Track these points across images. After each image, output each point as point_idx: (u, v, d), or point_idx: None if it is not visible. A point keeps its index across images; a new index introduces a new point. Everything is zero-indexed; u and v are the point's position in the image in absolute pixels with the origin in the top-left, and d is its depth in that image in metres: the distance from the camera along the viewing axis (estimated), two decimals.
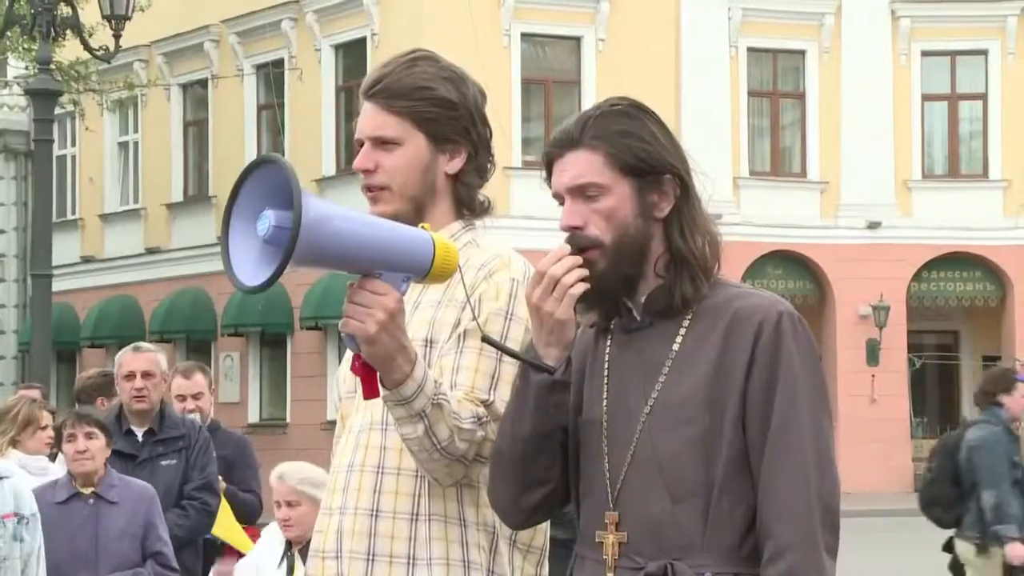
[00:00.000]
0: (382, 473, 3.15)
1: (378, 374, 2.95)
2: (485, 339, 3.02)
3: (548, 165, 2.99)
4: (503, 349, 3.02)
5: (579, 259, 2.89)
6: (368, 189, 3.26)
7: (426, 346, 3.16)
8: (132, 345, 7.72)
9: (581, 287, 2.88)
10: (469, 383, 3.10)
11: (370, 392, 2.98)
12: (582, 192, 2.91)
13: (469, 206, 3.30)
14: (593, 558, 2.94)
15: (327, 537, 3.19)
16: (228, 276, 2.76)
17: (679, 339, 2.92)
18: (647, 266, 2.93)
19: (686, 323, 2.92)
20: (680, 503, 2.85)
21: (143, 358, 7.47)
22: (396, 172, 3.23)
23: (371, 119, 3.25)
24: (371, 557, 3.14)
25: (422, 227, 2.97)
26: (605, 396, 2.97)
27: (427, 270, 2.91)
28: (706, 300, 2.93)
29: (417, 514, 3.13)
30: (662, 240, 2.93)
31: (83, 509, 6.63)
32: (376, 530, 3.14)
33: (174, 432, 7.45)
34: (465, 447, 3.04)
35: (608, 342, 3.02)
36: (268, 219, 2.72)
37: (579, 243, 2.90)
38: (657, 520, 2.86)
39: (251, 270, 2.75)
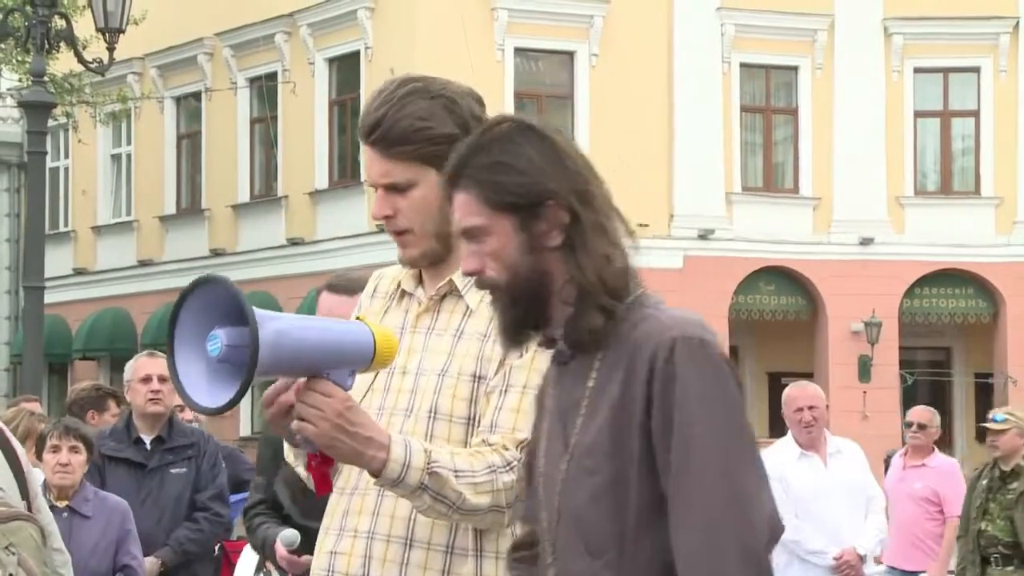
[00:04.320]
0: None
1: (328, 469, 2.95)
2: None
3: None
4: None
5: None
6: (394, 234, 3.22)
7: (474, 381, 3.13)
8: (147, 351, 7.74)
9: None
10: (510, 424, 3.06)
11: (322, 488, 2.98)
12: (470, 236, 2.71)
13: None
14: None
15: (352, 560, 3.13)
16: (184, 401, 2.75)
17: (594, 374, 2.65)
18: (551, 299, 2.67)
19: (600, 355, 2.65)
20: (597, 558, 2.60)
21: (161, 363, 7.46)
22: (414, 214, 3.18)
23: (376, 166, 3.19)
24: None
25: (357, 319, 2.99)
26: (541, 438, 2.77)
27: (370, 360, 2.90)
28: (620, 326, 2.64)
29: (453, 547, 3.10)
30: (564, 268, 2.66)
31: (56, 523, 6.57)
32: (409, 559, 3.09)
33: (183, 440, 7.45)
34: (487, 499, 2.99)
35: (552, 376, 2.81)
36: (219, 339, 2.70)
37: (483, 286, 2.73)
38: None
39: (205, 391, 2.73)
